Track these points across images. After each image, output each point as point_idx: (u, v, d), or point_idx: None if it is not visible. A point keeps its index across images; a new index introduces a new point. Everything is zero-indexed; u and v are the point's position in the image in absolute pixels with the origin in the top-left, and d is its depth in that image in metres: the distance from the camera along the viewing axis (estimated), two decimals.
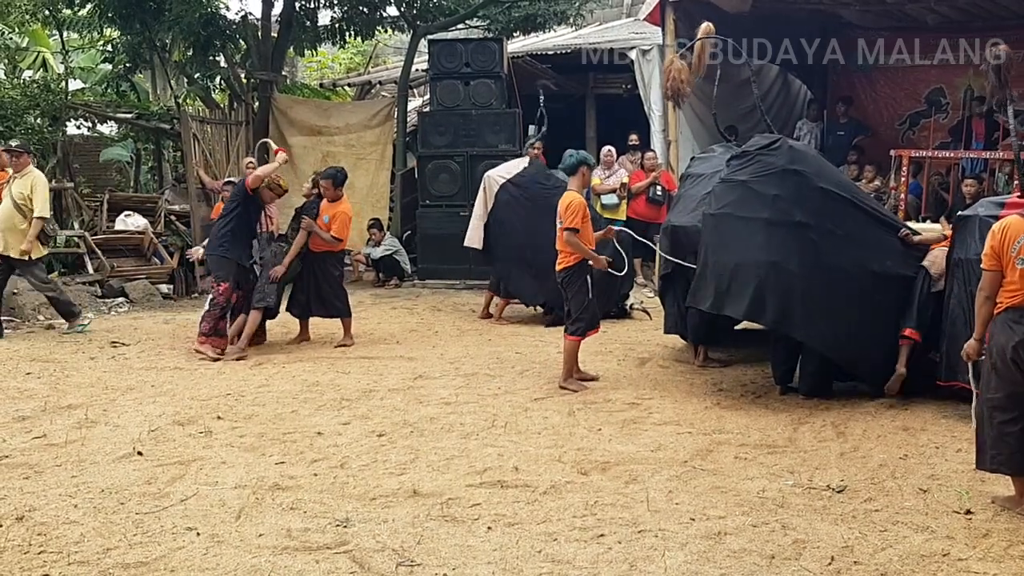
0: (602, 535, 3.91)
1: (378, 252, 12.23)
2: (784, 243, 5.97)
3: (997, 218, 5.50)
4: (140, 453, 5.00)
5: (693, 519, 4.10)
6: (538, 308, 9.69)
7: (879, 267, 6.14)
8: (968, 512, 4.20)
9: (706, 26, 7.46)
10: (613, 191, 11.08)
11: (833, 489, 4.48)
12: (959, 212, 6.11)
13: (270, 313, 7.99)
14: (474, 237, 9.59)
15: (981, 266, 4.34)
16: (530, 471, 4.74)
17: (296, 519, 4.08)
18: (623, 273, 7.12)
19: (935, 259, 6.12)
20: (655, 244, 8.32)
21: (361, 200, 13.28)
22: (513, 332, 8.91)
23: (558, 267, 6.69)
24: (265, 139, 10.89)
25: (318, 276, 8.16)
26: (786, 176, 6.06)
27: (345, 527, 3.99)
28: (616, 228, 7.61)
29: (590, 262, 6.58)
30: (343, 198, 8.25)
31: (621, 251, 7.71)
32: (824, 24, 11.98)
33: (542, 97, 9.91)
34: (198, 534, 3.91)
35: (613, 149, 11.54)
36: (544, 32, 14.25)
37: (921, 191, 10.25)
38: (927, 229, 6.83)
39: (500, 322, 9.40)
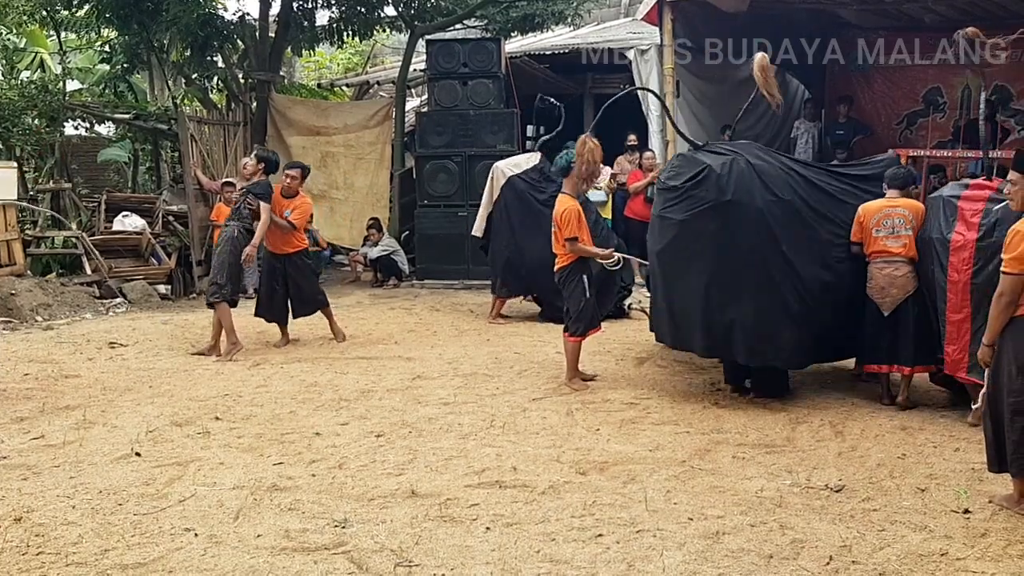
0: (600, 535, 3.91)
1: (375, 252, 12.23)
2: (731, 275, 5.96)
3: (959, 197, 5.60)
4: (138, 454, 5.00)
5: (691, 519, 4.10)
6: (524, 300, 9.82)
7: (829, 275, 6.05)
8: (966, 511, 4.20)
9: (761, 56, 6.99)
10: (599, 188, 11.06)
11: (831, 488, 4.48)
12: (929, 195, 6.13)
13: (232, 303, 7.79)
14: (479, 226, 9.66)
15: (1005, 270, 4.15)
16: (528, 471, 4.74)
17: (294, 520, 4.07)
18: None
19: (877, 282, 5.98)
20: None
21: (361, 200, 13.32)
22: (511, 332, 8.90)
23: (556, 267, 6.72)
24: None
25: (293, 277, 8.09)
26: (720, 209, 5.94)
27: (343, 528, 3.98)
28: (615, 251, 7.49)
29: (597, 259, 6.69)
30: (301, 194, 8.23)
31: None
32: (823, 24, 11.97)
33: (552, 100, 9.82)
34: (196, 535, 3.90)
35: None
36: (542, 32, 14.26)
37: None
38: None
39: (497, 321, 9.42)
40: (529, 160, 9.58)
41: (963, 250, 5.45)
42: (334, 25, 13.85)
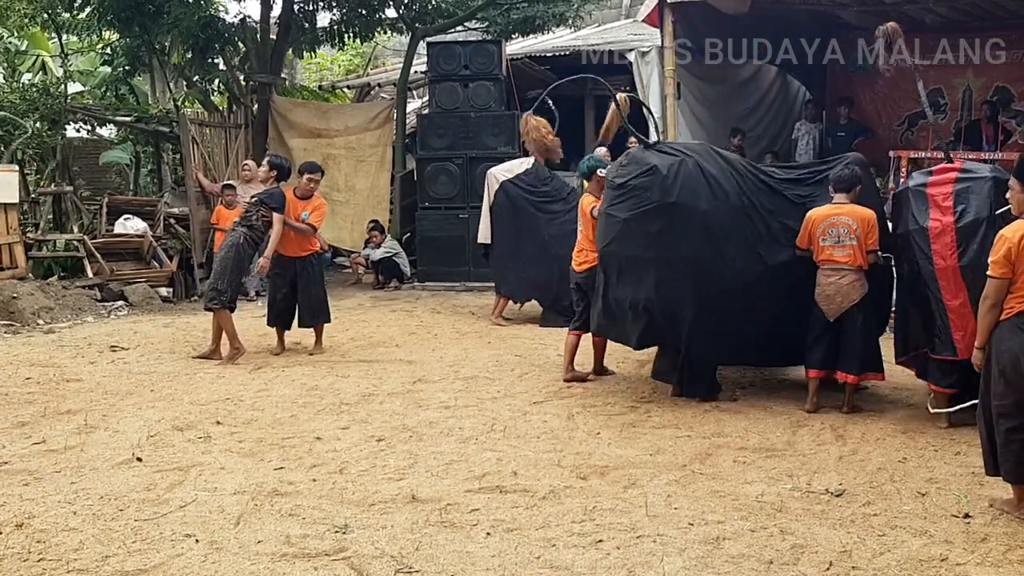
0: (600, 540, 3.91)
1: (378, 254, 12.24)
2: (670, 276, 5.95)
3: (927, 185, 5.60)
4: (139, 459, 5.00)
5: (691, 524, 4.10)
6: (520, 306, 9.85)
7: (769, 273, 6.08)
8: (966, 516, 4.20)
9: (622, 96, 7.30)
10: None
11: (832, 493, 4.48)
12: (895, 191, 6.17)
13: (231, 309, 7.69)
14: (484, 233, 9.66)
15: (989, 274, 4.20)
16: (529, 476, 4.74)
17: (295, 525, 4.08)
18: None
19: (824, 290, 5.97)
20: None
21: (362, 202, 13.32)
22: (512, 334, 8.91)
23: (581, 268, 6.75)
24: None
25: (305, 282, 7.92)
26: (663, 211, 5.92)
27: (344, 533, 3.99)
28: None
29: None
30: (316, 194, 8.14)
31: None
32: (824, 25, 11.98)
33: (549, 101, 9.80)
34: (197, 541, 3.90)
35: (608, 150, 11.51)
36: (543, 34, 14.25)
37: None
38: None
39: (499, 322, 9.43)
40: (522, 164, 9.61)
41: (944, 235, 5.46)
42: (335, 27, 13.85)
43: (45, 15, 12.65)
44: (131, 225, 11.61)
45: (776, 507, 4.30)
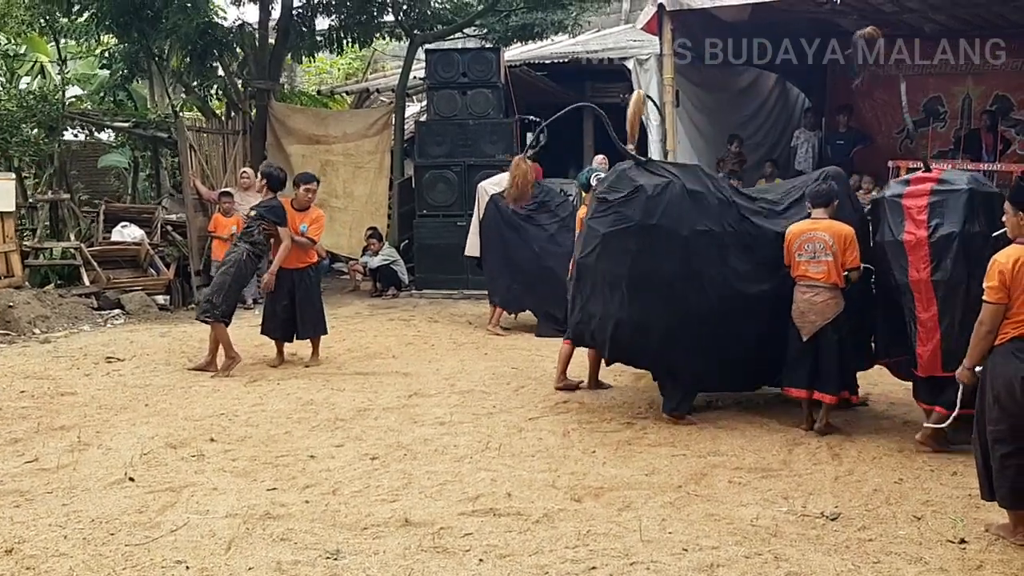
0: (594, 568, 3.88)
1: (375, 262, 12.22)
2: (643, 297, 5.92)
3: (902, 196, 5.58)
4: (132, 479, 4.96)
5: (686, 550, 4.07)
6: (515, 317, 9.89)
7: (752, 300, 6.04)
8: (962, 541, 4.17)
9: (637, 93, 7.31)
10: None
11: (827, 517, 4.45)
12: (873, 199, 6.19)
13: (226, 323, 7.64)
14: (472, 246, 9.77)
15: (985, 299, 4.18)
16: (523, 497, 4.71)
17: (286, 551, 4.05)
18: None
19: (798, 307, 5.91)
20: None
21: (360, 209, 13.29)
22: (509, 345, 8.88)
23: None
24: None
25: (303, 293, 7.88)
26: (643, 231, 5.89)
27: (336, 559, 3.96)
28: None
29: None
30: (312, 205, 8.09)
31: None
32: (823, 32, 11.96)
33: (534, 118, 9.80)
34: (187, 568, 3.87)
35: (605, 157, 11.50)
36: (541, 40, 14.24)
37: None
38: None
39: (496, 331, 9.42)
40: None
41: (919, 248, 5.42)
42: (333, 32, 13.82)
43: (43, 20, 12.63)
44: (128, 233, 11.59)
45: (771, 531, 4.28)
